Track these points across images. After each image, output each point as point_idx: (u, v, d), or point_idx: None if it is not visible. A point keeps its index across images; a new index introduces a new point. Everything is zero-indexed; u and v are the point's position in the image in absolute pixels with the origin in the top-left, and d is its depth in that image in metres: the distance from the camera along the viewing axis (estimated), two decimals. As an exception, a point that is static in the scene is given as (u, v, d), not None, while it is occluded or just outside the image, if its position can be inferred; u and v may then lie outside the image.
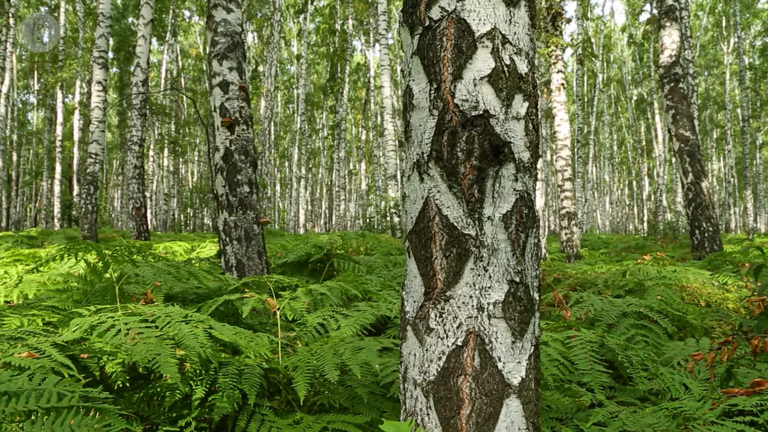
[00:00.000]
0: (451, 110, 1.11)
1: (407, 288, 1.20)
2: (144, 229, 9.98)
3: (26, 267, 4.07)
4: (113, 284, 1.73)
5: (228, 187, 3.80)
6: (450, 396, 1.11)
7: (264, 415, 1.51)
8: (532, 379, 1.15)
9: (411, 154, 1.18)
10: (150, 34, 10.35)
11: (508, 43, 1.14)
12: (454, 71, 1.11)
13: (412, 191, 1.17)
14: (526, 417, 1.14)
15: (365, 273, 4.09)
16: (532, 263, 1.17)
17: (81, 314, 1.48)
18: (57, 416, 0.94)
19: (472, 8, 1.12)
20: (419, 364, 1.15)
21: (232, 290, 2.11)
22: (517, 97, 1.14)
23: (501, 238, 1.11)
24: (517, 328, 1.12)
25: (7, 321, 1.47)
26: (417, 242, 1.16)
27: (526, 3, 1.19)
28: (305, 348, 1.68)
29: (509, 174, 1.12)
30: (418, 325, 1.15)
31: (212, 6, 4.11)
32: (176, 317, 1.45)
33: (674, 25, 8.57)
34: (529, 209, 1.15)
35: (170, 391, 1.47)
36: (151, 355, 1.22)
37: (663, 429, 1.10)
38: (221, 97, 3.95)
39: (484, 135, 1.10)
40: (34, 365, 1.10)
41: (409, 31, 1.20)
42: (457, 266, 1.10)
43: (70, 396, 0.99)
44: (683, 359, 2.12)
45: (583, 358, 1.65)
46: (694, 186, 8.18)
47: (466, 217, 1.10)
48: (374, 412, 1.71)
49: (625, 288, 3.15)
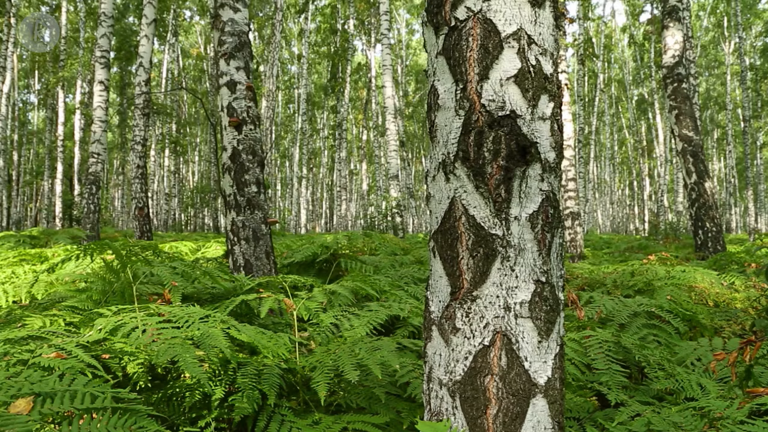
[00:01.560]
0: (477, 110, 1.11)
1: (432, 288, 1.20)
2: (147, 228, 9.98)
3: (33, 267, 4.07)
4: (130, 284, 1.73)
5: (236, 186, 3.80)
6: (477, 396, 1.11)
7: (284, 416, 1.51)
8: (557, 378, 1.16)
9: (436, 154, 1.18)
10: (153, 33, 10.35)
11: (534, 43, 1.14)
12: (481, 71, 1.12)
13: (438, 191, 1.18)
14: (552, 416, 1.14)
15: (372, 273, 4.09)
16: (557, 263, 1.17)
17: (103, 315, 1.48)
18: (91, 418, 0.94)
19: (498, 8, 1.13)
20: (445, 363, 1.15)
21: (248, 290, 2.11)
22: (543, 98, 1.14)
23: (527, 238, 1.11)
24: (543, 327, 1.12)
25: (29, 321, 1.47)
26: (443, 242, 1.16)
27: (551, 3, 1.19)
28: (322, 348, 1.68)
29: (536, 174, 1.12)
30: (443, 325, 1.15)
31: (219, 5, 4.11)
32: (195, 317, 1.44)
33: (677, 26, 8.57)
34: (554, 209, 1.15)
35: (190, 392, 1.47)
36: (178, 356, 1.22)
37: (690, 428, 1.11)
38: (229, 97, 3.95)
39: (511, 135, 1.10)
40: (63, 366, 1.10)
41: (433, 31, 1.20)
42: (484, 266, 1.10)
43: (103, 397, 0.99)
44: (696, 359, 2.12)
45: (600, 358, 1.65)
46: (697, 186, 8.18)
47: (493, 217, 1.10)
48: (391, 412, 1.71)
49: (634, 288, 3.15)
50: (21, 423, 0.82)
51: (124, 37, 25.31)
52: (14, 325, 1.55)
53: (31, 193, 34.99)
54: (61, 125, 19.98)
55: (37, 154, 33.77)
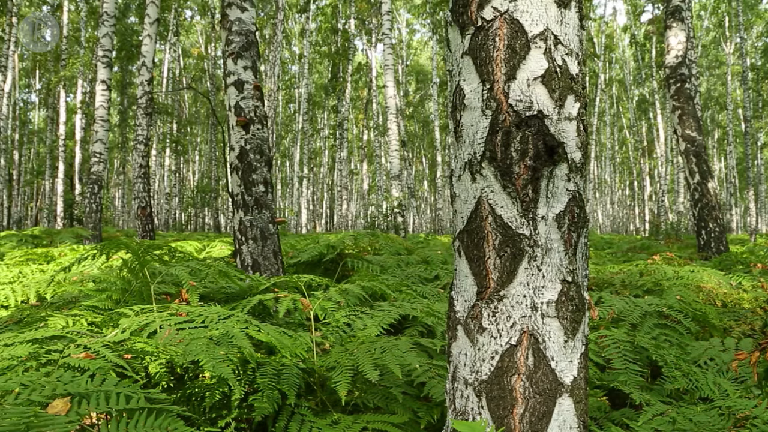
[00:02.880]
0: (504, 110, 1.11)
1: (457, 288, 1.20)
2: (149, 228, 9.97)
3: (40, 266, 4.07)
4: (148, 284, 1.73)
5: (243, 186, 3.80)
6: (503, 395, 1.11)
7: (303, 416, 1.51)
8: (582, 378, 1.16)
9: (462, 154, 1.18)
10: (156, 33, 10.35)
11: (560, 43, 1.14)
12: (508, 71, 1.12)
13: (463, 191, 1.18)
14: (577, 416, 1.14)
15: (379, 273, 4.09)
16: (582, 263, 1.17)
17: (125, 315, 1.48)
18: (130, 418, 0.94)
19: (525, 9, 1.13)
20: (470, 363, 1.15)
21: (263, 290, 2.11)
22: (569, 98, 1.14)
23: (554, 238, 1.11)
24: (569, 327, 1.13)
25: (52, 321, 1.47)
26: (468, 242, 1.16)
27: (576, 4, 1.19)
28: (339, 348, 1.68)
29: (562, 174, 1.12)
30: (469, 325, 1.16)
31: (227, 5, 4.11)
32: (216, 317, 1.45)
33: (680, 26, 8.58)
34: (580, 209, 1.15)
35: (210, 392, 1.47)
36: (204, 356, 1.22)
37: (717, 428, 1.11)
38: (236, 96, 3.95)
39: (539, 135, 1.10)
40: (93, 366, 1.10)
41: (459, 30, 1.20)
42: (512, 266, 1.11)
43: (137, 398, 0.99)
44: (709, 359, 2.12)
45: (617, 358, 1.65)
46: (700, 186, 8.18)
47: (520, 217, 1.10)
48: (408, 412, 1.72)
49: (643, 288, 3.15)
50: (61, 424, 0.82)
51: (125, 37, 25.30)
52: (36, 325, 1.55)
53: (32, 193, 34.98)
54: (62, 124, 19.98)
55: (37, 154, 33.76)
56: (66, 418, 0.87)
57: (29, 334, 1.21)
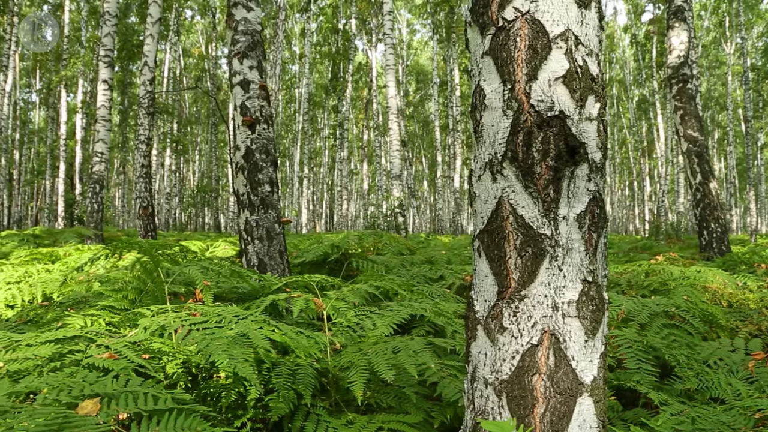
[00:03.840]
0: (526, 111, 1.11)
1: (477, 287, 1.21)
2: (151, 228, 9.97)
3: (45, 266, 4.07)
4: (162, 284, 1.73)
5: (249, 186, 3.80)
6: (524, 395, 1.11)
7: (319, 416, 1.51)
8: (601, 377, 1.16)
9: (482, 154, 1.18)
10: (158, 32, 10.35)
11: (581, 44, 1.15)
12: (529, 72, 1.12)
13: (484, 191, 1.18)
14: (597, 415, 1.15)
15: (384, 273, 4.09)
16: (602, 263, 1.18)
17: (142, 315, 1.48)
18: (160, 419, 0.94)
19: (546, 9, 1.13)
20: (491, 363, 1.15)
21: (275, 290, 2.11)
22: (590, 98, 1.14)
23: (575, 238, 1.12)
24: (589, 327, 1.13)
25: (70, 321, 1.47)
26: (489, 242, 1.16)
27: (596, 4, 1.19)
28: (353, 347, 1.68)
29: (583, 174, 1.12)
30: (489, 325, 1.16)
31: (232, 4, 4.11)
32: (233, 317, 1.45)
33: (683, 26, 8.58)
34: (600, 209, 1.16)
35: (225, 392, 1.47)
36: (227, 356, 1.22)
37: (738, 427, 1.11)
38: (242, 96, 3.95)
39: (560, 135, 1.10)
40: (117, 366, 1.10)
41: (479, 30, 1.20)
42: (533, 265, 1.11)
43: (164, 398, 0.99)
44: (718, 359, 2.12)
45: (630, 358, 1.65)
46: (702, 187, 8.19)
47: (541, 217, 1.11)
48: (421, 412, 1.72)
49: (650, 288, 3.15)
50: (92, 425, 0.82)
51: (125, 37, 25.28)
52: (53, 325, 1.55)
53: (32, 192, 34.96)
54: (63, 124, 19.97)
55: (37, 154, 33.74)
56: (97, 419, 0.87)
57: (51, 334, 1.21)
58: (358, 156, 36.08)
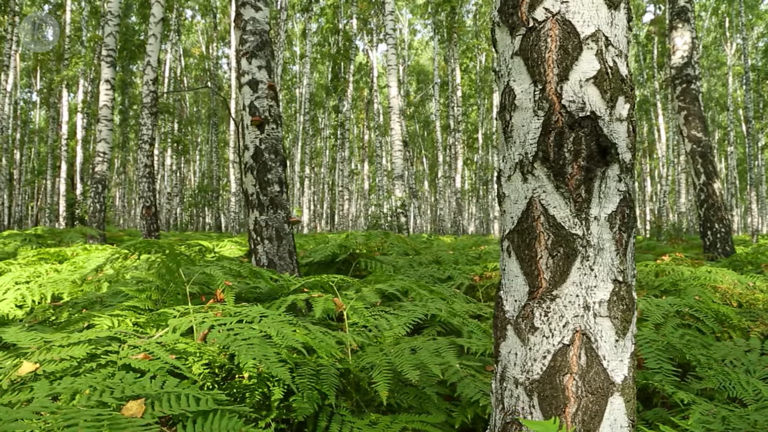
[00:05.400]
0: (557, 111, 1.12)
1: (506, 287, 1.21)
2: (154, 228, 9.96)
3: (54, 266, 4.07)
4: (183, 283, 1.73)
5: (258, 186, 3.80)
6: (556, 394, 1.11)
7: (343, 416, 1.52)
8: (631, 377, 1.17)
9: (512, 155, 1.19)
10: (161, 32, 10.36)
11: (611, 45, 1.15)
12: (560, 72, 1.12)
13: (513, 191, 1.18)
14: (627, 414, 1.15)
15: (393, 273, 4.09)
16: (631, 263, 1.18)
17: (167, 315, 1.48)
18: (204, 420, 0.95)
19: (576, 10, 1.13)
20: (521, 363, 1.16)
21: (294, 290, 2.11)
22: (620, 99, 1.15)
23: (606, 238, 1.12)
24: (620, 326, 1.13)
25: (98, 322, 1.47)
26: (519, 242, 1.17)
27: (625, 5, 1.19)
28: (374, 347, 1.68)
29: (614, 175, 1.13)
30: (520, 324, 1.16)
31: (240, 4, 4.11)
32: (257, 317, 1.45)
33: (686, 26, 8.58)
34: (630, 209, 1.16)
35: (249, 392, 1.47)
36: (262, 356, 1.23)
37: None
38: (250, 96, 3.95)
39: (592, 136, 1.10)
40: (153, 367, 1.10)
41: (508, 31, 1.20)
42: (564, 265, 1.11)
43: (205, 399, 0.99)
44: (735, 358, 2.13)
45: (651, 357, 1.66)
46: (706, 187, 8.19)
47: (573, 217, 1.11)
48: (442, 413, 1.72)
49: (660, 288, 3.16)
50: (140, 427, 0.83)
51: (126, 37, 25.28)
52: (79, 325, 1.55)
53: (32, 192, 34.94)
54: (64, 124, 19.97)
55: (38, 153, 33.73)
56: (143, 420, 0.87)
57: (83, 334, 1.21)
58: (359, 156, 36.08)
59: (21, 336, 1.20)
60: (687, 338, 2.35)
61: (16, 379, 1.01)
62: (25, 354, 1.09)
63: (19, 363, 1.05)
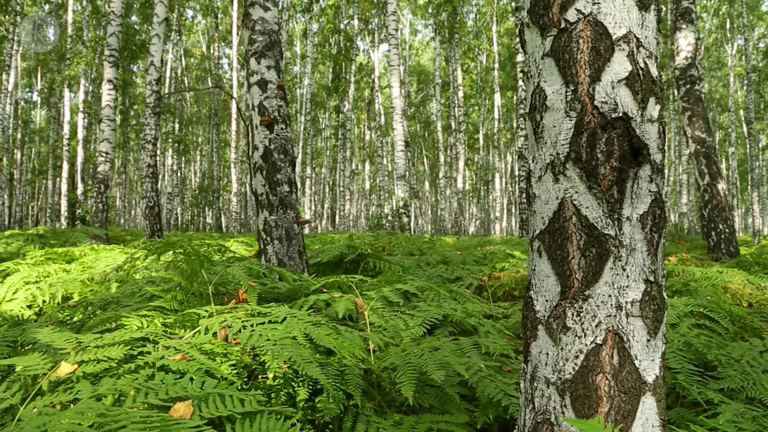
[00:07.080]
0: (589, 112, 1.12)
1: (537, 288, 1.21)
2: (157, 228, 9.97)
3: (62, 266, 4.07)
4: (206, 283, 1.73)
5: (268, 186, 3.81)
6: (588, 394, 1.12)
7: (368, 416, 1.52)
8: (662, 376, 1.17)
9: (543, 155, 1.19)
10: (164, 32, 10.36)
11: (642, 46, 1.15)
12: (592, 73, 1.13)
13: (544, 192, 1.19)
14: (659, 414, 1.15)
15: (402, 273, 4.10)
16: (661, 263, 1.18)
17: (193, 316, 1.49)
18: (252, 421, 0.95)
19: (608, 11, 1.14)
20: (552, 363, 1.16)
21: (314, 290, 2.12)
22: (651, 100, 1.15)
23: (638, 238, 1.13)
24: (651, 326, 1.14)
25: (127, 322, 1.47)
26: (551, 242, 1.17)
27: (655, 7, 1.20)
28: (396, 348, 1.69)
29: (646, 175, 1.13)
30: (551, 324, 1.17)
31: (249, 4, 4.11)
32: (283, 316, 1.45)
33: (690, 27, 8.59)
34: (661, 210, 1.16)
35: (275, 392, 1.48)
36: (293, 357, 1.23)
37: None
38: (260, 96, 3.95)
39: (624, 137, 1.11)
40: (191, 368, 1.10)
41: (539, 32, 1.21)
42: (597, 266, 1.12)
43: (249, 400, 1.00)
44: (751, 358, 2.13)
45: (673, 358, 1.66)
46: (710, 188, 8.20)
47: (605, 218, 1.11)
48: (464, 413, 1.72)
49: (672, 289, 3.17)
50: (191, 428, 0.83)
51: (127, 37, 25.29)
52: (107, 326, 1.55)
53: (33, 192, 34.93)
54: (66, 124, 19.97)
55: (38, 153, 33.72)
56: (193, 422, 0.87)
57: (117, 334, 1.21)
58: (360, 156, 36.08)
59: (55, 336, 1.20)
60: (703, 338, 2.36)
61: (56, 379, 1.01)
62: (62, 355, 1.09)
63: (57, 364, 1.05)
